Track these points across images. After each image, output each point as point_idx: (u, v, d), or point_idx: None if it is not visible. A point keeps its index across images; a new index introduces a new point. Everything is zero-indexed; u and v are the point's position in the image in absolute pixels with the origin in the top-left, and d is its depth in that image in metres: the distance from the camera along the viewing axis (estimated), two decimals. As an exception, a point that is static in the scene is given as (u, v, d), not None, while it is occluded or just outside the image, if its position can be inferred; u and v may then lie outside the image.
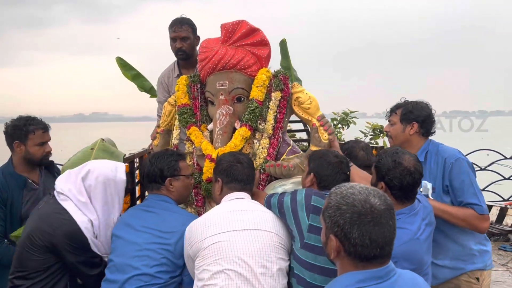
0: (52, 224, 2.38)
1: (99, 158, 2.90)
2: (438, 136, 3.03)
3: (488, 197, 8.54)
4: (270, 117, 2.99)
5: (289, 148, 3.05)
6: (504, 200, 8.32)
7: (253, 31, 3.02)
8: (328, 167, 2.43)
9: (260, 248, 2.23)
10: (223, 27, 3.03)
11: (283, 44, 5.92)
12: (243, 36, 3.00)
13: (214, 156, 2.86)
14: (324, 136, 2.95)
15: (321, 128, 2.97)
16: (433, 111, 2.95)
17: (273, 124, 2.99)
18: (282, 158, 2.98)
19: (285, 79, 3.04)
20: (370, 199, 1.56)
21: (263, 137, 2.98)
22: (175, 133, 3.17)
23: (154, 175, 2.61)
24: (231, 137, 2.95)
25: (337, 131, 6.94)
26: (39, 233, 2.36)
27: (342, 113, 7.20)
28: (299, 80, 6.10)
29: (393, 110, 3.02)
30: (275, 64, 5.85)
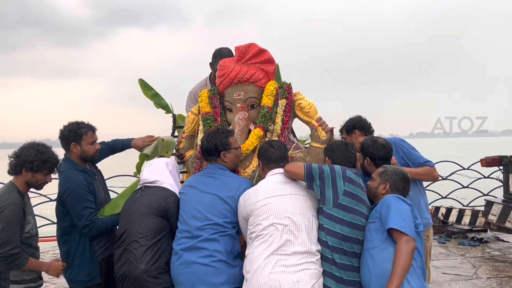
0: (163, 195, 3.17)
1: (164, 149, 3.75)
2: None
3: (449, 203, 9.25)
4: (278, 119, 3.52)
5: (294, 145, 3.58)
6: (463, 206, 9.01)
7: (262, 51, 3.58)
8: (337, 149, 3.10)
9: (299, 207, 2.84)
10: (237, 49, 3.59)
11: (275, 68, 6.37)
12: (254, 56, 3.56)
13: None
14: (322, 134, 3.51)
15: (319, 127, 3.54)
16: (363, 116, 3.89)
17: (281, 126, 3.52)
18: (289, 152, 3.43)
19: (289, 89, 3.60)
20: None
21: (273, 136, 3.50)
22: (200, 136, 3.62)
23: (210, 150, 3.18)
24: (248, 137, 3.47)
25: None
26: (156, 203, 3.11)
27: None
28: None
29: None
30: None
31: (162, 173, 3.30)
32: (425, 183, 9.42)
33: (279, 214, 2.78)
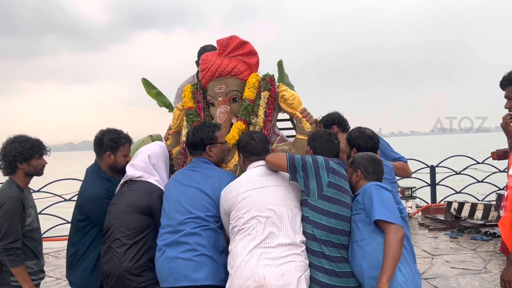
0: (147, 191, 3.07)
1: None
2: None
3: (463, 198, 9.02)
4: (261, 112, 3.42)
5: (278, 137, 3.46)
6: (478, 200, 8.77)
7: (243, 43, 3.48)
8: (319, 139, 2.99)
9: (282, 198, 2.77)
10: (218, 42, 3.50)
11: (279, 64, 6.31)
12: (235, 48, 3.46)
13: None
14: (307, 126, 3.39)
15: (304, 119, 3.41)
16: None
17: (263, 118, 3.42)
18: (273, 145, 3.37)
19: (272, 81, 3.49)
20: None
21: (256, 129, 3.38)
22: (184, 132, 3.55)
23: (196, 143, 3.10)
24: (230, 131, 3.36)
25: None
26: (139, 200, 3.02)
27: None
28: (292, 86, 6.46)
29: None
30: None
31: (145, 168, 3.20)
32: (438, 178, 9.25)
33: (261, 206, 2.71)
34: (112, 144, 3.27)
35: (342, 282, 2.65)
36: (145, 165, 3.19)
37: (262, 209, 2.70)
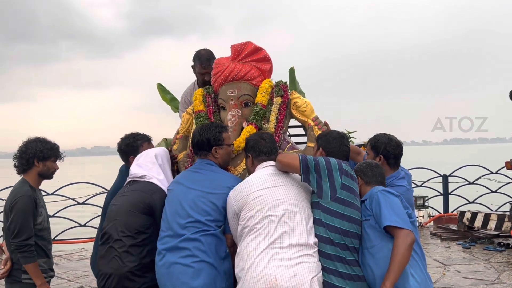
0: (149, 191, 3.02)
1: None
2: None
3: (476, 208, 8.89)
4: (272, 118, 3.36)
5: (289, 145, 3.40)
6: (492, 211, 8.63)
7: (257, 50, 3.45)
8: (333, 141, 2.92)
9: (294, 198, 2.70)
10: (233, 47, 3.46)
11: (291, 71, 6.31)
12: (249, 54, 3.43)
13: None
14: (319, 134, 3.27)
15: (316, 127, 3.35)
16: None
17: (275, 124, 3.35)
18: (284, 152, 3.25)
19: (285, 87, 3.44)
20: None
21: None
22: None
23: (202, 143, 3.01)
24: (240, 135, 3.29)
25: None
26: (141, 199, 2.97)
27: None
28: (302, 93, 6.46)
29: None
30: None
31: (151, 167, 3.15)
32: (450, 188, 9.11)
33: (274, 205, 2.63)
34: (130, 149, 3.39)
35: (357, 286, 2.57)
36: (152, 165, 3.16)
37: (275, 208, 2.62)
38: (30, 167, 3.26)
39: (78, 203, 8.46)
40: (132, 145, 3.40)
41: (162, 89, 6.20)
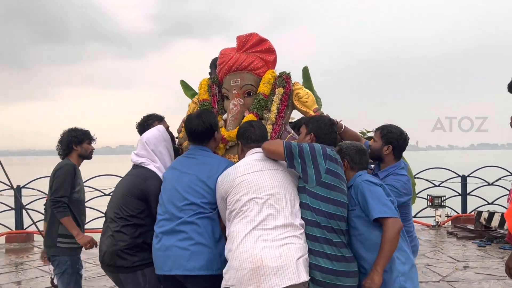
0: (144, 177, 3.12)
1: None
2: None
3: (494, 209, 8.79)
4: (274, 107, 3.41)
5: (289, 135, 3.41)
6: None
7: (262, 40, 3.53)
8: (325, 127, 2.93)
9: (280, 181, 2.73)
10: (238, 38, 3.54)
11: (305, 70, 6.39)
12: (254, 45, 3.51)
13: (225, 136, 3.32)
14: None
15: None
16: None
17: (276, 114, 3.40)
18: None
19: (288, 78, 3.49)
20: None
21: (267, 123, 3.36)
22: None
23: (206, 130, 3.03)
24: (241, 123, 3.28)
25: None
26: (135, 185, 3.09)
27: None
28: (319, 99, 6.54)
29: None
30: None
31: (146, 155, 3.22)
32: (469, 189, 9.02)
33: (259, 189, 2.66)
34: (141, 129, 3.63)
35: (343, 267, 2.60)
36: (146, 152, 3.23)
37: (260, 191, 2.65)
38: (70, 151, 3.79)
39: (105, 194, 8.79)
40: (142, 125, 3.64)
41: (185, 86, 6.45)
